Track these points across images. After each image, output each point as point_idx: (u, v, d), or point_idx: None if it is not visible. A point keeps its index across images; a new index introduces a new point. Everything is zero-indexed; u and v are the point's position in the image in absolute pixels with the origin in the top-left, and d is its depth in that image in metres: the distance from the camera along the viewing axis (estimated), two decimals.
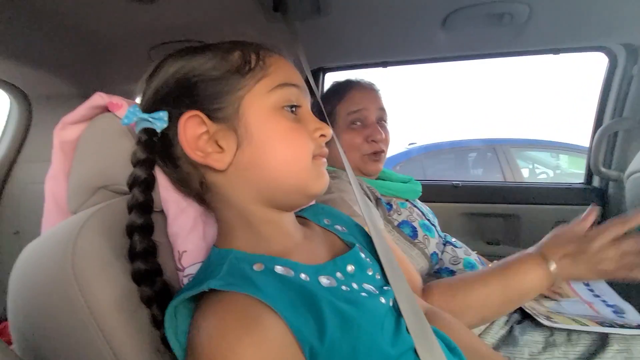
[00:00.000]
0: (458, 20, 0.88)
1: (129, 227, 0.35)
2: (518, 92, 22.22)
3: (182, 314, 0.33)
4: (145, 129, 0.37)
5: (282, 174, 0.37)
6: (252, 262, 0.34)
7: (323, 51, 1.09)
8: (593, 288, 0.82)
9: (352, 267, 0.40)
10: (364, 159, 0.82)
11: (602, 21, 0.89)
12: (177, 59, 0.38)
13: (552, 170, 3.22)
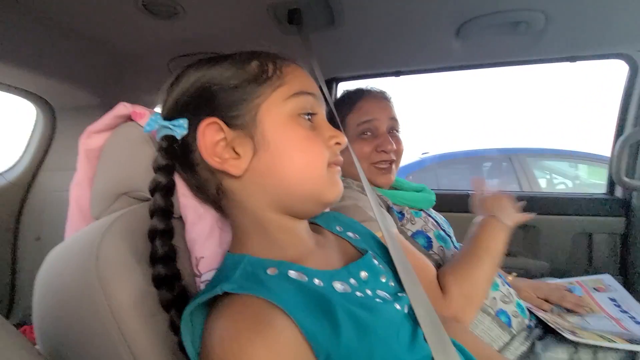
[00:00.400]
0: (472, 29, 0.88)
1: (151, 231, 0.36)
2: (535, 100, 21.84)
3: (198, 319, 0.33)
4: (166, 136, 0.38)
5: (298, 181, 0.38)
6: (266, 267, 0.34)
7: (336, 61, 1.11)
8: (620, 304, 0.78)
9: (365, 274, 0.39)
10: (371, 169, 0.81)
11: (621, 28, 0.87)
12: (197, 69, 0.39)
13: (571, 180, 3.12)
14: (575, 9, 0.80)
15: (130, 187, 0.42)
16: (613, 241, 1.17)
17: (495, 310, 0.70)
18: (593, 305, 0.79)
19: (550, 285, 0.87)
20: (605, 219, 1.17)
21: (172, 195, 0.39)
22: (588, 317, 0.75)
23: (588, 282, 0.88)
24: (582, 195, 1.27)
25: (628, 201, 1.15)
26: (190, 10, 0.80)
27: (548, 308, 0.81)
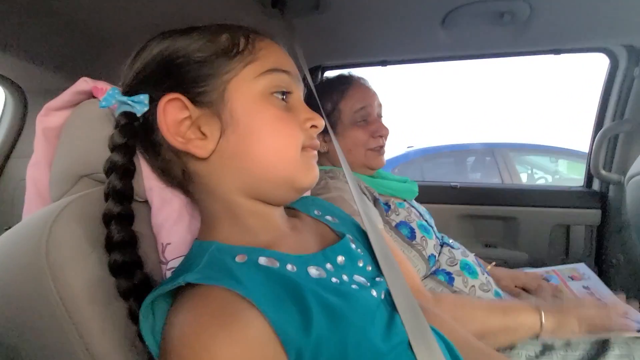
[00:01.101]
0: (458, 18, 0.87)
1: (106, 215, 0.34)
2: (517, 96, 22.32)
3: (160, 309, 0.31)
4: (124, 112, 0.35)
5: (269, 164, 0.35)
6: (235, 254, 0.32)
7: (321, 49, 1.08)
8: (593, 292, 0.81)
9: (342, 258, 0.38)
10: (368, 154, 0.82)
11: (604, 22, 0.88)
12: (161, 41, 0.36)
13: (551, 175, 3.21)
14: (559, 1, 0.80)
15: (91, 168, 0.39)
16: (589, 232, 1.20)
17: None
18: (567, 292, 0.81)
19: (528, 274, 0.88)
20: (582, 211, 1.19)
21: (131, 177, 0.36)
22: None
23: (564, 270, 0.90)
24: (560, 188, 1.30)
25: (605, 194, 1.18)
26: None
27: (525, 298, 0.83)
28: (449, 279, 0.74)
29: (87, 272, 0.32)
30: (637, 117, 1.06)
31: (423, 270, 0.75)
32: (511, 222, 1.25)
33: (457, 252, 0.83)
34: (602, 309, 0.62)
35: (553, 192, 1.26)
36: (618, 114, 1.11)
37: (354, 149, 0.81)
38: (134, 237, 0.35)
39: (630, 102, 1.07)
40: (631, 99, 1.07)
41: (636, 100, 1.06)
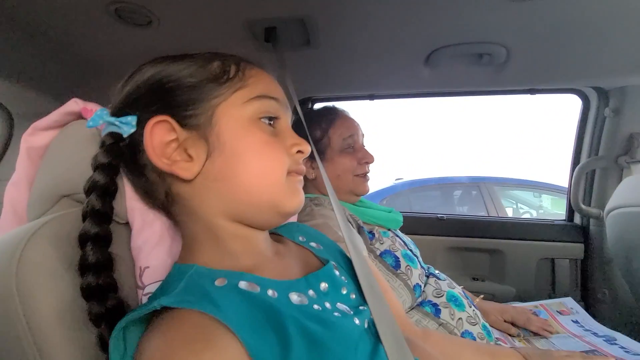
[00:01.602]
0: (441, 58, 0.93)
1: (82, 236, 0.33)
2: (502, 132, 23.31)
3: (132, 336, 0.29)
4: (111, 132, 0.35)
5: (254, 188, 0.35)
6: (215, 277, 0.32)
7: (312, 82, 1.13)
8: (583, 324, 0.80)
9: (325, 285, 0.37)
10: (355, 179, 0.85)
11: (574, 65, 0.95)
12: (154, 65, 0.37)
13: (536, 210, 3.27)
14: (533, 45, 0.86)
15: (73, 188, 0.38)
16: (574, 266, 1.21)
17: (461, 331, 0.69)
18: (558, 327, 0.80)
19: (516, 308, 0.88)
20: (566, 245, 1.21)
21: (112, 197, 0.36)
22: (554, 338, 0.76)
23: (552, 305, 0.90)
24: (544, 222, 1.32)
25: (586, 228, 1.21)
26: (164, 20, 0.79)
27: (515, 332, 0.82)
28: (436, 310, 0.73)
29: (58, 295, 0.30)
30: (610, 154, 1.12)
31: (409, 301, 0.74)
32: (497, 255, 1.26)
33: (444, 283, 0.82)
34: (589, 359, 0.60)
35: (537, 225, 1.28)
36: (593, 151, 1.17)
37: (342, 175, 0.83)
38: (110, 260, 0.33)
39: (603, 140, 1.13)
40: (604, 137, 1.13)
41: (608, 138, 1.12)
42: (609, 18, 0.74)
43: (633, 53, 0.87)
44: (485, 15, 0.76)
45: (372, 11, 0.75)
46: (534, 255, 1.22)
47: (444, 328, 0.70)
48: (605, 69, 0.95)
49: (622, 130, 1.09)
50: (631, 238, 0.86)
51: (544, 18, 0.75)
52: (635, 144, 1.06)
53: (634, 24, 0.76)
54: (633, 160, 1.06)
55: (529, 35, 0.82)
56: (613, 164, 1.11)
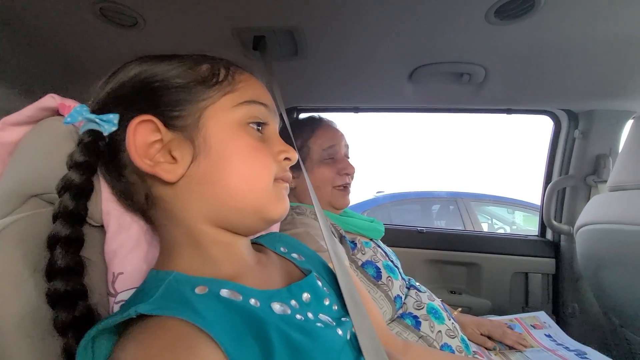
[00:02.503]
0: (423, 75, 0.96)
1: (52, 238, 0.31)
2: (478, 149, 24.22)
3: (102, 347, 0.27)
4: (90, 130, 0.33)
5: (239, 193, 0.35)
6: (195, 285, 0.30)
7: (298, 91, 1.13)
8: (555, 339, 0.82)
9: (307, 295, 0.37)
10: (334, 192, 0.84)
11: (546, 88, 1.00)
12: (139, 63, 0.36)
13: (509, 226, 3.39)
14: (510, 67, 0.91)
15: (44, 187, 0.36)
16: (546, 281, 1.26)
17: (441, 344, 0.69)
18: (532, 341, 0.82)
19: (492, 322, 0.89)
20: (538, 260, 1.26)
21: (87, 198, 0.34)
22: (528, 352, 0.78)
23: (526, 319, 0.92)
24: (518, 236, 1.37)
25: (557, 243, 1.26)
26: (150, 21, 0.78)
27: (491, 346, 0.83)
28: (416, 323, 0.73)
29: (22, 301, 0.28)
30: (579, 173, 1.18)
31: (389, 312, 0.74)
32: (474, 269, 1.28)
33: (424, 295, 0.83)
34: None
35: (512, 240, 1.32)
36: (564, 170, 1.23)
37: (321, 186, 0.83)
38: (81, 264, 0.31)
39: (573, 160, 1.20)
40: (573, 157, 1.20)
41: (577, 158, 1.19)
42: (580, 46, 0.79)
43: (600, 80, 0.93)
44: (466, 36, 0.80)
45: (359, 26, 0.77)
46: (509, 269, 1.26)
47: (424, 341, 0.70)
48: (575, 93, 1.01)
49: (589, 151, 1.15)
50: (599, 254, 0.90)
51: (520, 42, 0.80)
52: (602, 164, 1.12)
53: (601, 53, 0.81)
54: (600, 180, 1.12)
55: (505, 57, 0.87)
56: (582, 183, 1.18)
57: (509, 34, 0.77)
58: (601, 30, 0.74)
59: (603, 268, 0.90)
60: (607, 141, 1.13)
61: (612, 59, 0.83)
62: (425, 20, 0.74)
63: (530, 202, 3.14)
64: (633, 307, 0.86)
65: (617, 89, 0.96)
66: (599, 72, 0.90)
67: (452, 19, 0.74)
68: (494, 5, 0.68)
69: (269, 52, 0.89)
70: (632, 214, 0.77)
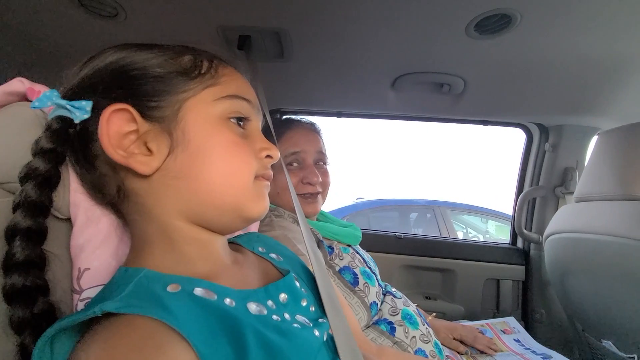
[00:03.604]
0: (406, 83, 0.99)
1: (10, 229, 0.29)
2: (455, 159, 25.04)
3: (61, 348, 0.26)
4: (60, 117, 0.31)
5: (217, 189, 0.34)
6: (167, 283, 0.29)
7: (282, 93, 1.13)
8: (523, 343, 0.85)
9: (285, 296, 0.36)
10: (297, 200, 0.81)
11: (520, 102, 1.05)
12: (118, 51, 0.34)
13: (482, 235, 3.50)
14: (487, 80, 0.95)
15: (6, 176, 0.34)
16: (516, 287, 1.30)
17: (415, 349, 0.70)
18: (502, 345, 0.85)
19: (465, 327, 0.91)
20: (509, 267, 1.30)
21: (52, 188, 0.32)
22: (498, 356, 0.80)
23: (496, 324, 0.95)
24: (490, 244, 1.41)
25: (527, 251, 1.31)
26: (132, 13, 0.76)
27: (463, 350, 0.85)
28: (391, 329, 0.73)
29: None
30: (549, 185, 1.24)
31: (365, 319, 0.74)
32: (449, 274, 1.31)
33: (399, 301, 0.84)
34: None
35: (485, 247, 1.37)
36: (534, 181, 1.29)
37: (282, 192, 0.79)
38: (43, 258, 0.29)
39: (543, 172, 1.26)
40: (543, 169, 1.26)
41: (547, 170, 1.25)
42: (552, 64, 0.84)
43: (570, 96, 0.99)
44: (447, 48, 0.82)
45: (344, 31, 0.78)
46: (482, 275, 1.30)
47: (398, 346, 0.70)
48: (546, 107, 1.07)
49: (558, 163, 1.22)
50: (565, 261, 0.95)
51: (497, 56, 0.83)
52: (569, 176, 1.18)
53: (572, 72, 0.86)
54: (567, 191, 1.18)
55: (484, 70, 0.90)
56: (551, 194, 1.23)
57: (488, 48, 0.80)
58: (572, 50, 0.78)
59: (568, 275, 0.95)
60: (574, 155, 1.19)
61: (582, 77, 0.89)
62: (409, 30, 0.76)
63: (503, 212, 3.26)
64: (595, 312, 0.90)
65: (585, 106, 1.02)
66: (569, 89, 0.95)
67: (434, 30, 0.76)
68: (474, 20, 0.71)
69: (254, 53, 0.88)
70: (596, 224, 0.81)
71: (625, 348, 0.82)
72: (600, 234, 0.79)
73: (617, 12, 0.66)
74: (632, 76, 0.86)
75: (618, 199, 0.77)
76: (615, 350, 0.85)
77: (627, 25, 0.69)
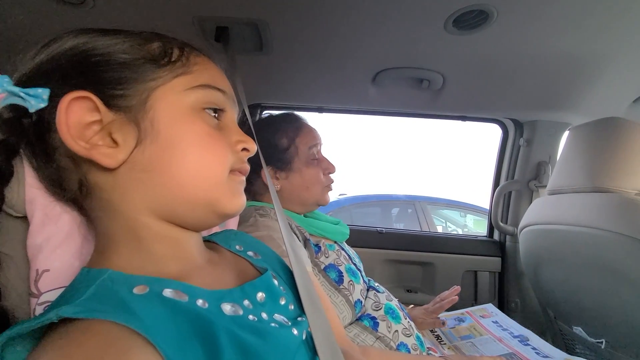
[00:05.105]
0: (386, 78, 0.99)
1: None
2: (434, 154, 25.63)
3: (15, 356, 0.23)
4: (12, 105, 0.29)
5: (189, 182, 0.32)
6: (133, 284, 0.27)
7: (262, 88, 1.11)
8: (501, 324, 0.89)
9: (262, 295, 0.35)
10: (323, 191, 0.83)
11: (495, 98, 1.08)
12: (78, 36, 0.32)
13: (461, 228, 3.60)
14: (465, 76, 0.96)
15: None
16: (493, 278, 1.34)
17: (397, 343, 0.70)
18: (481, 329, 0.87)
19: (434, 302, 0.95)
20: (486, 259, 1.34)
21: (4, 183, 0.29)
22: (478, 342, 0.82)
23: (475, 311, 0.98)
24: (468, 237, 1.45)
25: (503, 243, 1.35)
26: (99, 0, 0.71)
27: (440, 323, 0.91)
28: (374, 324, 0.73)
29: None
30: (523, 178, 1.28)
31: (349, 317, 0.73)
32: (429, 268, 1.34)
33: (382, 295, 0.84)
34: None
35: (463, 240, 1.40)
36: (510, 175, 1.33)
37: (311, 187, 0.80)
38: None
39: (518, 166, 1.30)
40: (518, 163, 1.30)
41: (522, 164, 1.29)
42: (526, 60, 0.86)
43: (543, 92, 1.02)
44: (427, 44, 0.83)
45: (325, 24, 0.77)
46: (460, 267, 1.33)
47: (381, 341, 0.70)
48: (521, 103, 1.10)
49: (532, 158, 1.26)
50: (538, 252, 0.98)
51: (475, 52, 0.84)
52: (542, 170, 1.23)
53: (544, 68, 0.89)
54: (541, 185, 1.22)
55: (462, 66, 0.91)
56: (525, 187, 1.28)
57: (466, 44, 0.81)
58: (545, 47, 0.81)
59: (541, 265, 0.98)
60: (547, 149, 1.24)
61: (554, 74, 0.92)
62: (390, 25, 0.76)
63: (480, 206, 3.36)
64: (566, 300, 0.94)
65: (557, 102, 1.06)
66: (542, 85, 0.98)
67: (415, 25, 0.76)
68: (453, 15, 0.72)
69: (232, 45, 0.85)
70: (567, 216, 0.84)
71: (594, 333, 0.86)
72: (571, 225, 0.82)
73: (589, 11, 0.69)
74: (602, 73, 0.90)
75: (588, 191, 0.81)
76: (584, 336, 0.89)
77: (599, 24, 0.72)
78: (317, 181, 0.81)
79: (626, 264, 0.71)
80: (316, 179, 0.81)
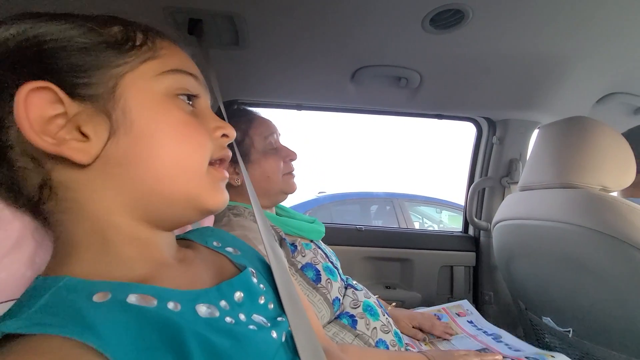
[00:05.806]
0: (365, 76, 0.99)
1: None
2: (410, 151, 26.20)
3: None
4: None
5: (167, 174, 0.30)
6: (93, 291, 0.25)
7: (238, 84, 1.08)
8: (476, 324, 0.91)
9: (240, 294, 0.33)
10: (284, 178, 0.82)
11: (470, 97, 1.10)
12: (23, 20, 0.28)
13: (437, 224, 3.71)
14: (441, 75, 0.98)
15: None
16: (468, 272, 1.38)
17: (376, 340, 0.71)
18: (457, 328, 0.89)
19: (423, 314, 0.94)
20: (461, 254, 1.38)
21: None
22: (454, 339, 0.84)
23: (451, 308, 1.00)
24: (445, 233, 1.48)
25: (477, 239, 1.39)
26: None
27: (421, 337, 0.88)
28: (352, 322, 0.73)
29: None
30: (496, 175, 1.32)
31: (327, 316, 0.73)
32: (407, 264, 1.36)
33: (360, 293, 0.84)
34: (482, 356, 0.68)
35: (439, 236, 1.43)
36: (484, 172, 1.37)
37: (272, 176, 0.80)
38: None
39: (491, 163, 1.34)
40: (492, 161, 1.34)
41: (495, 161, 1.33)
42: (498, 60, 0.88)
43: (514, 92, 1.05)
44: (405, 42, 0.83)
45: (303, 18, 0.76)
46: (437, 263, 1.36)
47: (360, 339, 0.70)
48: (494, 102, 1.13)
49: (504, 155, 1.30)
50: (510, 247, 1.01)
51: (451, 52, 0.86)
52: (514, 167, 1.27)
53: (515, 68, 0.92)
54: (512, 182, 1.27)
55: (438, 65, 0.92)
56: (498, 184, 1.32)
57: (442, 43, 0.82)
58: (517, 47, 0.83)
59: (513, 259, 1.02)
60: (518, 147, 1.28)
61: (525, 74, 0.95)
62: (368, 22, 0.76)
63: (455, 202, 3.47)
64: (535, 292, 0.98)
65: (527, 101, 1.10)
66: (514, 85, 1.01)
67: (392, 23, 0.76)
68: (430, 14, 0.72)
69: (207, 39, 0.82)
70: (537, 211, 0.87)
71: (562, 323, 0.90)
72: (541, 220, 0.85)
73: (559, 13, 0.71)
74: (569, 74, 0.93)
75: (556, 187, 0.84)
76: (553, 326, 0.93)
77: (567, 25, 0.75)
78: (275, 170, 0.81)
79: (591, 257, 0.75)
80: (276, 167, 0.81)
